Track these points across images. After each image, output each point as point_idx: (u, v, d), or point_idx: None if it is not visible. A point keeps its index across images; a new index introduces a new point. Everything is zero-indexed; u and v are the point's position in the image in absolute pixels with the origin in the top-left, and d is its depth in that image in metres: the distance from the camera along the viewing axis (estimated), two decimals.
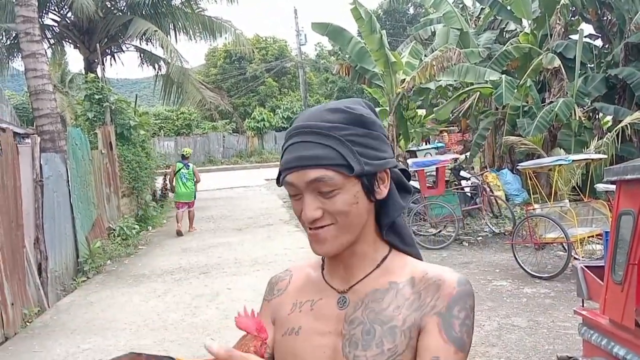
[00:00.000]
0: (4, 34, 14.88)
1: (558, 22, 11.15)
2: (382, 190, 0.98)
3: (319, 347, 0.99)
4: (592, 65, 11.49)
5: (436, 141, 14.83)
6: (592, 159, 7.94)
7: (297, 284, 1.10)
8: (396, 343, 0.93)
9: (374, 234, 1.02)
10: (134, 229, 10.34)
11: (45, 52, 10.24)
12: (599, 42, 12.46)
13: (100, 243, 8.69)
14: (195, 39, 16.68)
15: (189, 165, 10.92)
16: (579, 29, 11.50)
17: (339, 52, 13.99)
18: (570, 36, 11.55)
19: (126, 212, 11.17)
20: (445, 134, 17.21)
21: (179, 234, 10.69)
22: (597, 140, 10.27)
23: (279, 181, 1.00)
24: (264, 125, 30.98)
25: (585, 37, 11.28)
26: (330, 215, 0.94)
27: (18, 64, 15.93)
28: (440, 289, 0.95)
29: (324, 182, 0.92)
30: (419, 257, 1.05)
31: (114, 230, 9.80)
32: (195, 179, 10.97)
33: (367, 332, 0.95)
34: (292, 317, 1.05)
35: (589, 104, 11.26)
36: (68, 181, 8.01)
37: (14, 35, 14.13)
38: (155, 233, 11.35)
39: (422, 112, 14.00)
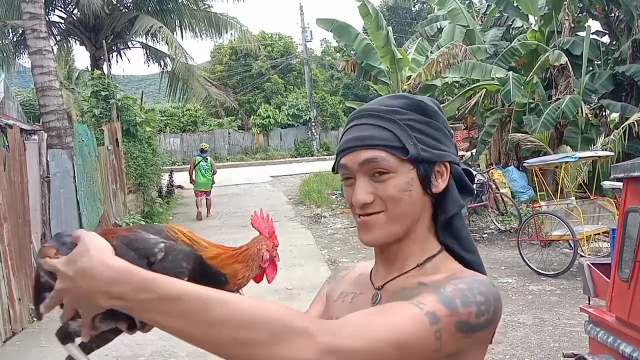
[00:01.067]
0: (10, 30, 14.93)
1: (566, 18, 11.09)
2: (440, 184, 0.93)
3: None
4: (599, 62, 11.44)
5: None
6: (599, 157, 7.91)
7: (353, 275, 1.09)
8: None
9: (426, 232, 0.96)
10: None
11: (52, 49, 10.28)
12: (606, 39, 12.40)
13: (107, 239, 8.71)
14: (200, 35, 16.71)
15: (207, 158, 12.17)
16: (586, 25, 11.46)
17: (345, 49, 13.94)
18: (577, 33, 11.49)
19: (132, 209, 11.21)
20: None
21: (199, 217, 11.96)
22: (604, 138, 10.22)
23: (334, 168, 0.98)
24: (269, 122, 30.96)
25: (592, 33, 11.23)
26: (381, 201, 0.91)
27: (24, 61, 16.02)
28: (456, 275, 0.88)
29: (377, 163, 0.90)
30: (478, 267, 0.95)
31: (120, 226, 9.82)
32: (212, 171, 12.20)
33: None
34: (336, 306, 1.05)
35: (596, 101, 11.22)
36: (74, 177, 8.03)
37: (20, 32, 14.19)
38: None
39: None
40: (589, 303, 3.60)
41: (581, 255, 6.70)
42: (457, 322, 0.78)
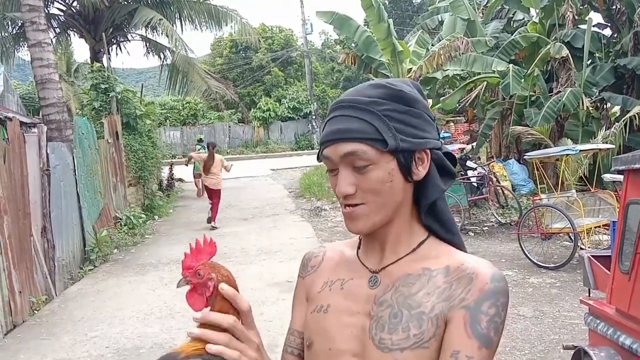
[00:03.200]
0: (10, 23, 14.88)
1: (569, 10, 11.04)
2: (420, 171, 0.96)
3: (346, 326, 0.98)
4: (601, 55, 11.39)
5: (443, 131, 14.78)
6: (600, 149, 7.90)
7: (330, 263, 1.09)
8: (422, 330, 0.90)
9: (409, 216, 0.99)
10: (141, 218, 10.39)
11: (52, 41, 10.25)
12: (607, 32, 12.35)
13: (107, 232, 8.73)
14: (200, 28, 16.63)
15: (204, 146, 14.17)
16: (587, 18, 11.40)
17: (345, 41, 13.89)
18: (578, 25, 11.44)
19: (133, 202, 11.21)
20: (452, 124, 17.16)
21: (199, 194, 14.17)
22: (605, 131, 10.21)
23: (319, 157, 0.99)
24: (269, 115, 30.92)
25: (593, 26, 11.18)
26: (363, 193, 0.93)
27: (24, 54, 15.98)
28: (473, 283, 0.91)
29: (357, 156, 0.91)
30: (461, 247, 1.02)
31: (121, 219, 9.83)
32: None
33: (395, 315, 0.93)
34: (322, 295, 1.04)
35: (597, 93, 11.19)
36: (75, 170, 8.03)
37: (20, 24, 14.14)
38: (161, 222, 11.39)
39: (429, 101, 13.95)
40: (589, 295, 3.60)
41: (581, 248, 6.69)
42: (494, 350, 0.89)
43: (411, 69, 11.74)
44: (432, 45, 12.40)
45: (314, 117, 31.02)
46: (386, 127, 0.91)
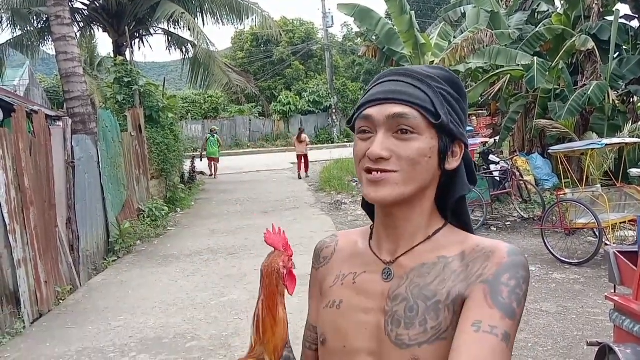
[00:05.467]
0: (35, 17, 15.11)
1: (595, 2, 10.82)
2: (453, 162, 0.94)
3: (360, 324, 0.94)
4: (628, 47, 11.15)
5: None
6: (626, 144, 7.75)
7: (342, 254, 1.06)
8: (440, 320, 0.87)
9: (431, 205, 0.97)
10: (163, 210, 10.50)
11: (76, 35, 10.38)
12: (635, 23, 12.06)
13: (130, 224, 8.84)
14: (222, 21, 16.69)
15: (214, 136, 17.67)
16: (614, 9, 11.15)
17: (365, 34, 13.81)
18: (605, 17, 11.21)
19: (155, 194, 11.33)
20: (474, 117, 16.97)
21: (207, 174, 17.57)
22: (631, 125, 10.00)
23: (351, 120, 0.96)
24: (290, 108, 30.96)
25: (620, 18, 10.91)
26: (398, 161, 0.89)
27: (48, 48, 16.21)
28: (490, 259, 0.88)
29: (406, 120, 0.88)
30: None
31: (144, 211, 9.95)
32: (219, 144, 18.02)
33: (410, 309, 0.89)
34: (335, 290, 1.01)
35: (624, 87, 10.96)
36: (99, 163, 8.14)
37: (45, 18, 14.34)
38: (183, 215, 11.50)
39: None
40: (615, 291, 3.54)
41: (606, 244, 6.59)
42: (518, 323, 0.84)
43: (433, 61, 11.63)
44: (455, 37, 12.27)
45: (334, 110, 30.96)
46: (440, 102, 0.90)
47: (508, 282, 0.85)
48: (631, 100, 11.59)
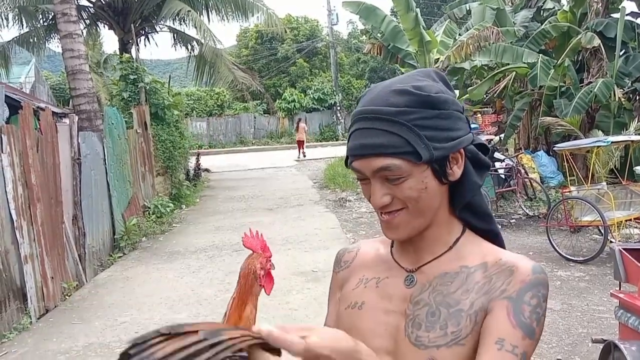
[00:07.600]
0: (41, 15, 15.15)
1: None
2: (456, 171, 0.93)
3: (381, 324, 0.97)
4: (634, 45, 11.09)
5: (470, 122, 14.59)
6: (632, 141, 7.72)
7: (364, 259, 1.08)
8: (460, 327, 0.89)
9: (447, 215, 0.98)
10: (168, 207, 10.53)
11: (82, 33, 10.41)
12: None
13: (136, 220, 8.87)
14: (227, 18, 16.68)
15: None
16: (620, 6, 11.10)
17: (370, 31, 13.80)
18: (610, 14, 11.16)
19: (160, 191, 11.37)
20: (479, 115, 16.95)
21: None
22: (637, 122, 9.96)
23: (347, 164, 0.98)
24: (294, 106, 30.95)
25: (627, 15, 10.87)
26: (400, 200, 0.92)
27: (54, 45, 16.26)
28: (513, 275, 0.90)
29: (390, 171, 0.89)
30: (497, 236, 1.02)
31: (149, 208, 9.99)
32: None
33: (432, 314, 0.92)
34: (357, 292, 1.03)
35: (630, 84, 10.92)
36: (105, 159, 8.18)
37: (51, 16, 14.38)
38: (188, 211, 11.54)
39: (456, 92, 13.79)
40: (620, 289, 3.54)
41: (611, 242, 6.58)
42: (536, 342, 0.87)
43: (438, 59, 11.62)
44: (460, 35, 12.24)
45: (338, 108, 30.95)
46: (418, 138, 0.87)
47: (530, 301, 0.88)
48: (637, 97, 11.54)
